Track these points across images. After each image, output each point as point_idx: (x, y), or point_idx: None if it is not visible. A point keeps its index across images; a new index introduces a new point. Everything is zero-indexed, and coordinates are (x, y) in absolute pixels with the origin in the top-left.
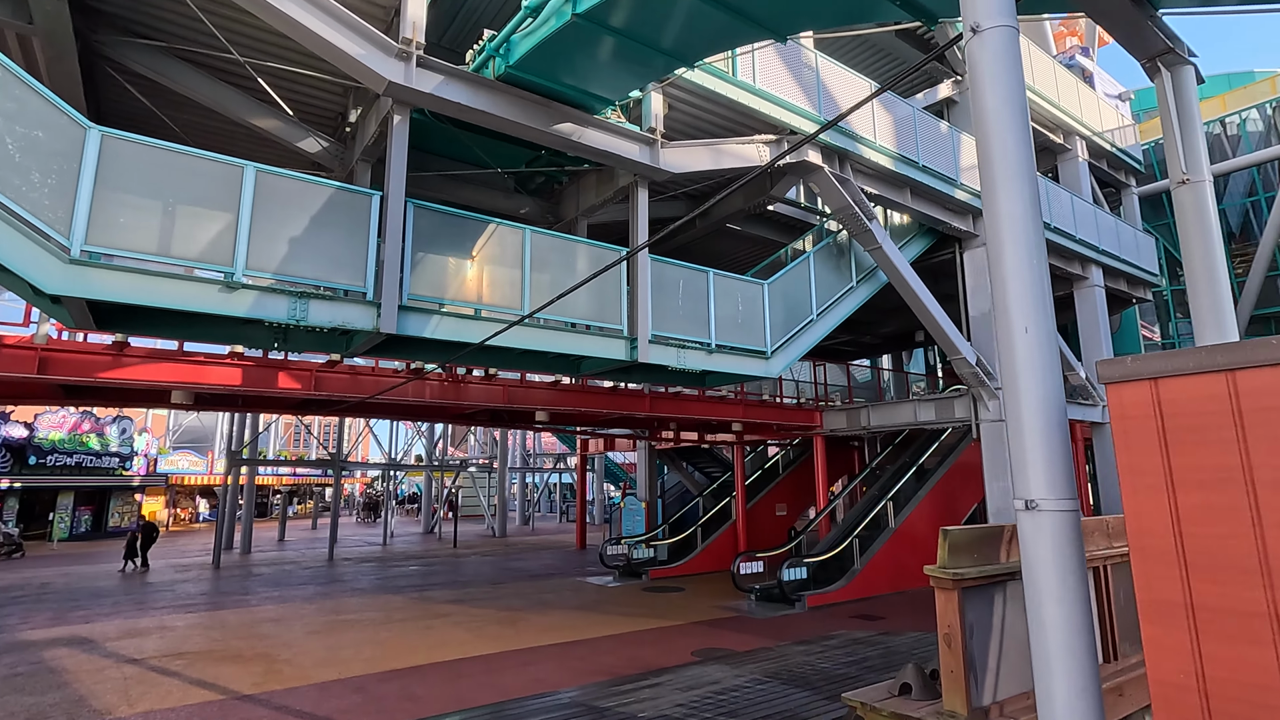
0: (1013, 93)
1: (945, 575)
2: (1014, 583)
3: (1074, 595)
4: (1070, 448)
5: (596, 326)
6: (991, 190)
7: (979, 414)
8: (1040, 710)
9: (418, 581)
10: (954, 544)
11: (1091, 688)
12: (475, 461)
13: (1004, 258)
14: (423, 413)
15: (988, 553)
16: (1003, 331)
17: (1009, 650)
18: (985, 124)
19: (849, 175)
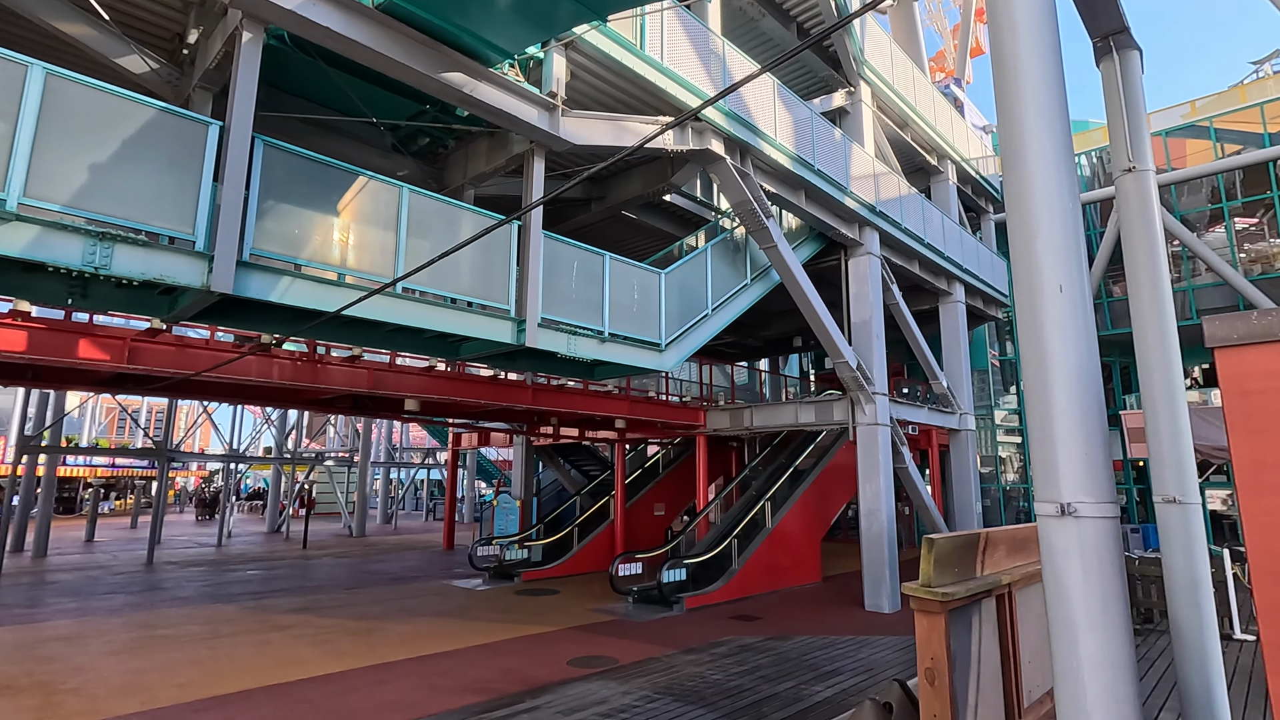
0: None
1: (932, 595)
2: (987, 600)
3: (1117, 624)
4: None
5: (480, 305)
6: (1019, 112)
7: (856, 417)
8: None
9: (256, 588)
10: (940, 556)
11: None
12: (333, 454)
13: (1033, 199)
14: (271, 396)
15: (966, 565)
16: (1026, 296)
17: (985, 683)
18: (1014, 29)
19: (749, 170)
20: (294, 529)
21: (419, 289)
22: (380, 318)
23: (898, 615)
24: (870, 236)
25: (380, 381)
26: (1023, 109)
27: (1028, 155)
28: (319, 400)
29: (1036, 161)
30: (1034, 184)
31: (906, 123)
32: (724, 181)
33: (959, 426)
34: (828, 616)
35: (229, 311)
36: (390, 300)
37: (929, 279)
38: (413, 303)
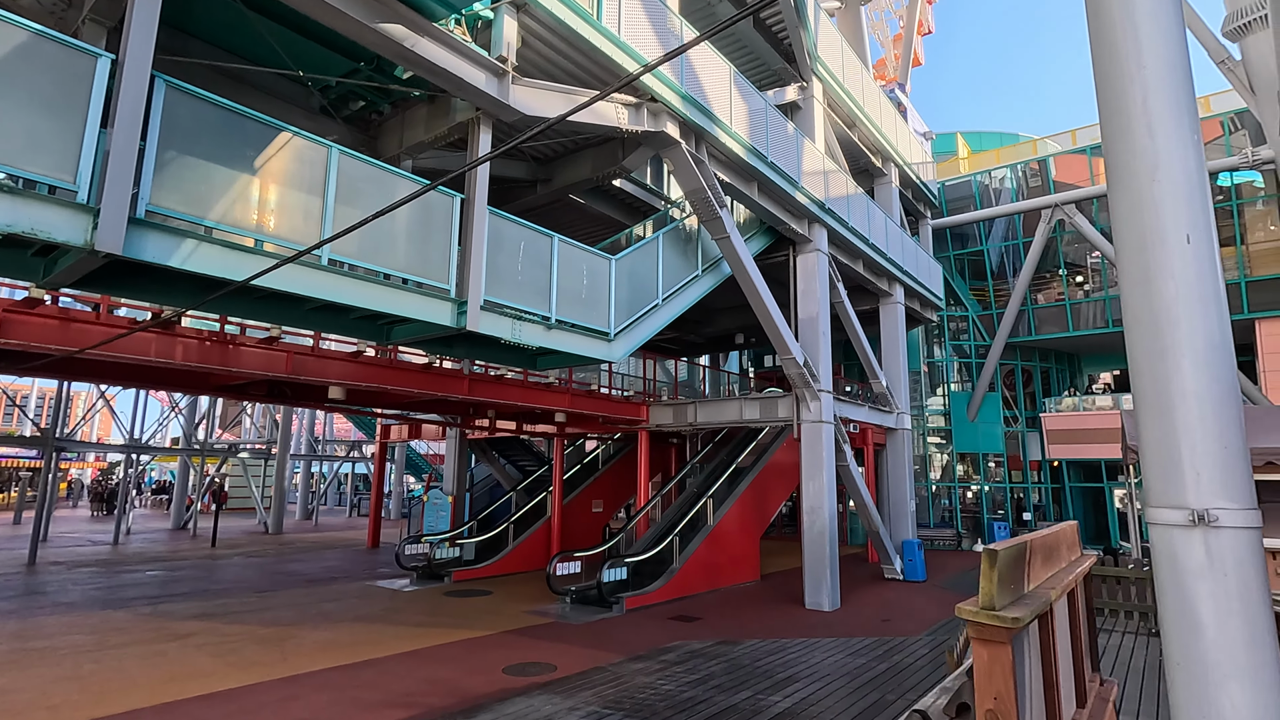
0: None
1: (999, 621)
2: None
3: (1267, 666)
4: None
5: (417, 283)
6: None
7: (801, 414)
8: None
9: (153, 592)
10: (1003, 572)
11: None
12: (248, 446)
13: (1151, 133)
14: (175, 380)
15: (1017, 580)
16: (1136, 249)
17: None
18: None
19: (704, 157)
20: (203, 526)
21: (348, 261)
22: (303, 291)
23: (838, 613)
24: (819, 233)
25: (301, 366)
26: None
27: (1150, 86)
28: (231, 386)
29: (1167, 92)
30: (1164, 120)
31: (855, 122)
32: (678, 168)
33: (896, 426)
34: (769, 616)
35: (121, 278)
36: (314, 273)
37: (871, 279)
38: (340, 276)
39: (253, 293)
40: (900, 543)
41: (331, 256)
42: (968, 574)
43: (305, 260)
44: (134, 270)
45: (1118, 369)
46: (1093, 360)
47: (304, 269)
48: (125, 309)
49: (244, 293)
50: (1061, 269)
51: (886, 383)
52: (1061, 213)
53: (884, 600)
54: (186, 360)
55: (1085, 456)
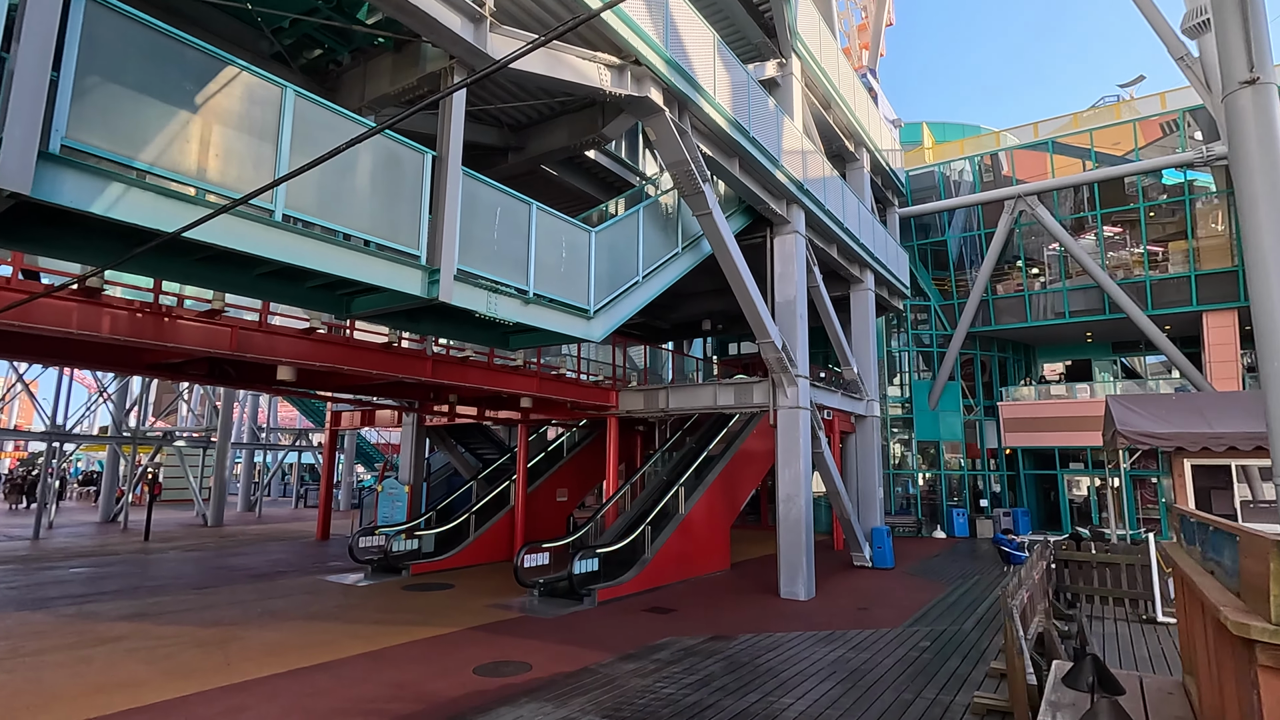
0: None
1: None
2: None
3: None
4: None
5: (383, 247)
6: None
7: (777, 400)
8: None
9: (79, 590)
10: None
11: None
12: (186, 434)
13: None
14: (101, 357)
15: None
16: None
17: None
18: None
19: (688, 127)
20: (135, 519)
21: (305, 219)
22: (253, 250)
23: (815, 603)
24: (797, 215)
25: (246, 343)
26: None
27: None
28: (167, 365)
29: None
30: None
31: (830, 104)
32: (660, 138)
33: (866, 413)
34: (746, 607)
35: (33, 229)
36: (268, 230)
37: (844, 264)
38: (297, 235)
39: (194, 252)
40: (869, 530)
41: (287, 212)
42: (932, 560)
43: (257, 216)
44: (48, 219)
45: (1069, 360)
46: (1047, 351)
47: (256, 225)
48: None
49: (184, 252)
50: (1021, 260)
51: (857, 369)
52: (1024, 204)
53: (858, 589)
54: (115, 334)
55: (1040, 444)
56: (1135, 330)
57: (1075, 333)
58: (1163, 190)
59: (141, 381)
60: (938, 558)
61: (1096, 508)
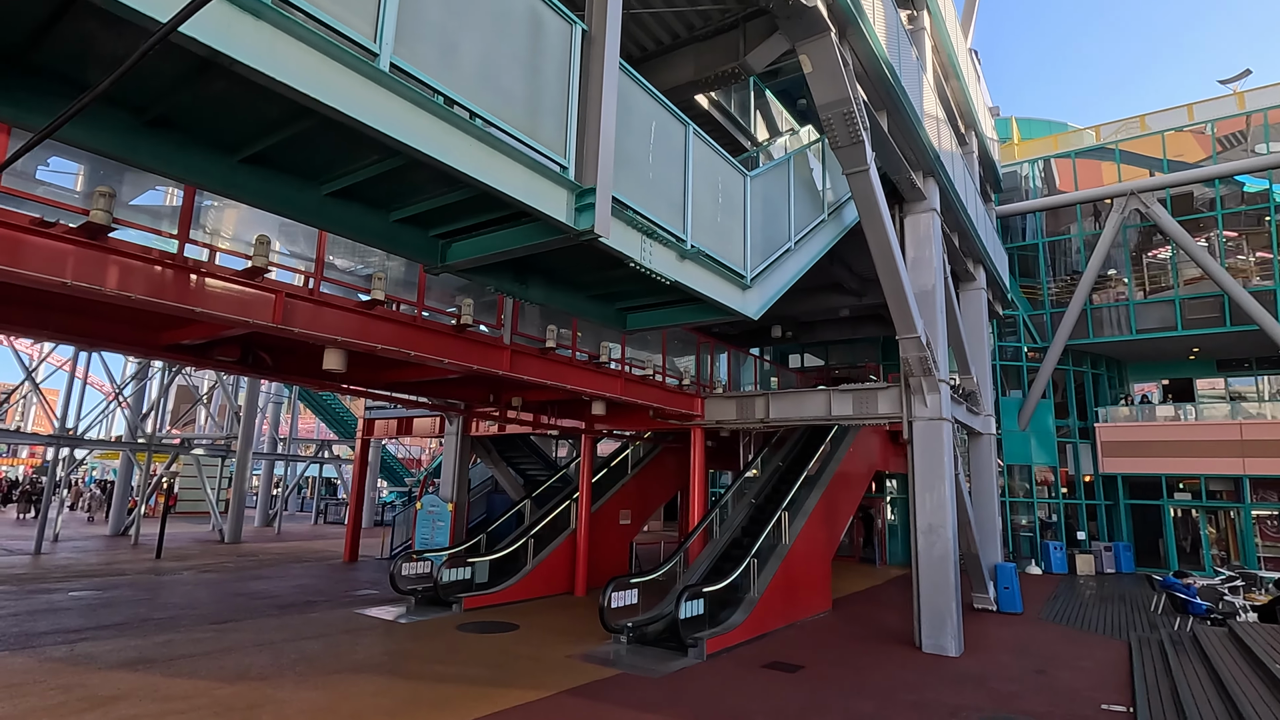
0: None
1: None
2: None
3: None
4: None
5: (520, 142)
6: None
7: (914, 410)
8: None
9: (75, 622)
10: None
11: None
12: (203, 441)
13: None
14: (107, 326)
15: None
16: None
17: None
18: None
19: (849, 58)
20: (146, 532)
21: (420, 75)
22: (339, 105)
23: (972, 661)
24: (933, 191)
25: (293, 314)
26: None
27: None
28: (189, 347)
29: None
30: None
31: (950, 74)
32: (819, 69)
33: (983, 430)
34: (884, 663)
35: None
36: (363, 83)
37: (961, 258)
38: (408, 101)
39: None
40: (992, 567)
41: (397, 61)
42: (1058, 602)
43: (351, 55)
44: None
45: (1166, 378)
46: (1142, 368)
47: (346, 72)
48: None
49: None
50: (1127, 265)
51: (978, 378)
52: (1137, 202)
53: (1006, 641)
54: (125, 289)
55: (1144, 471)
56: (1246, 346)
57: (1177, 348)
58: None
59: (160, 384)
60: (1060, 599)
61: (1207, 543)
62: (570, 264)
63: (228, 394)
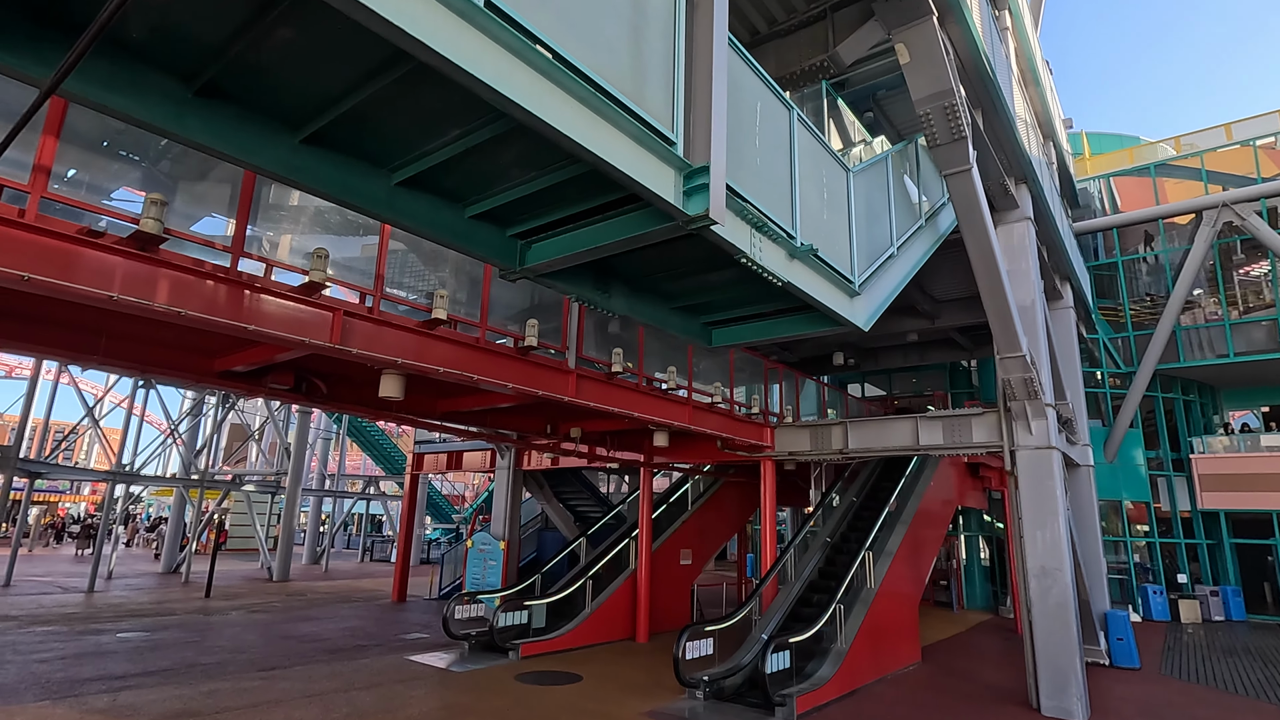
0: None
1: None
2: None
3: None
4: None
5: (625, 108)
6: None
7: (1018, 438)
8: None
9: (120, 667)
10: None
11: None
12: (254, 477)
13: None
14: (150, 351)
15: None
16: None
17: None
18: None
19: (951, 47)
20: (197, 569)
21: (518, 18)
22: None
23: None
24: (1025, 199)
25: (351, 334)
26: None
27: None
28: (242, 374)
29: None
30: None
31: (1029, 80)
32: (918, 59)
33: (1081, 461)
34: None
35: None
36: (455, 22)
37: (1049, 273)
38: (505, 49)
39: (303, 120)
40: (1102, 615)
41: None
42: (1179, 656)
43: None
44: None
45: (1266, 404)
46: (1238, 394)
47: (442, 11)
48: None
49: (289, 121)
50: (1219, 283)
51: (1073, 403)
52: (1229, 214)
53: (1134, 702)
54: (176, 305)
55: (1250, 506)
56: None
57: (1278, 372)
58: None
59: (213, 421)
60: (1177, 652)
61: None
62: (658, 266)
63: (279, 430)
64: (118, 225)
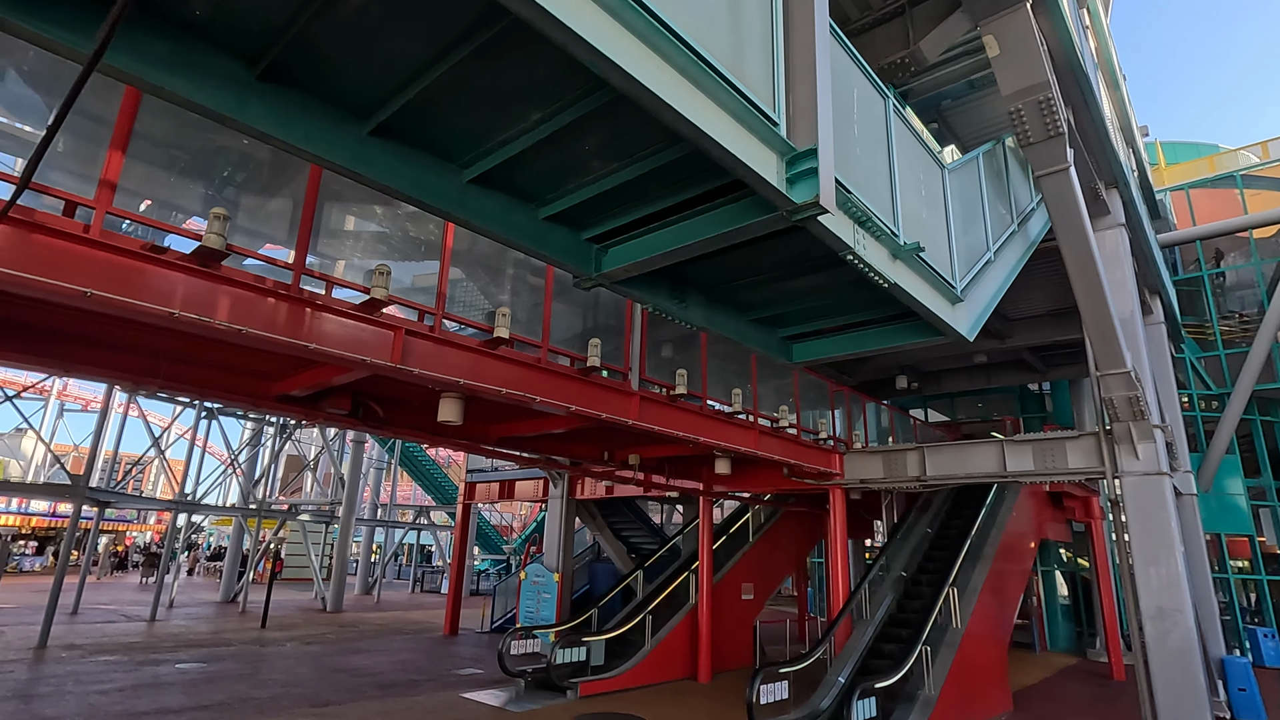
0: None
1: None
2: None
3: None
4: None
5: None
6: None
7: (1122, 463)
8: None
9: (177, 700)
10: None
11: None
12: (309, 506)
13: None
14: (208, 374)
15: None
16: None
17: None
18: None
19: (1044, 39)
20: (254, 599)
21: None
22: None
23: None
24: (1117, 204)
25: (411, 354)
26: None
27: None
28: (300, 399)
29: None
30: None
31: (1110, 83)
32: (1009, 50)
33: (1183, 489)
34: None
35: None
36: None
37: (1139, 286)
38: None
39: (373, 107)
40: (1219, 662)
41: None
42: None
43: None
44: None
45: None
46: None
47: None
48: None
49: (357, 111)
50: None
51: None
52: None
53: None
54: (236, 323)
55: None
56: None
57: None
58: None
59: (271, 451)
60: None
61: None
62: (739, 272)
63: (334, 459)
64: (180, 244)
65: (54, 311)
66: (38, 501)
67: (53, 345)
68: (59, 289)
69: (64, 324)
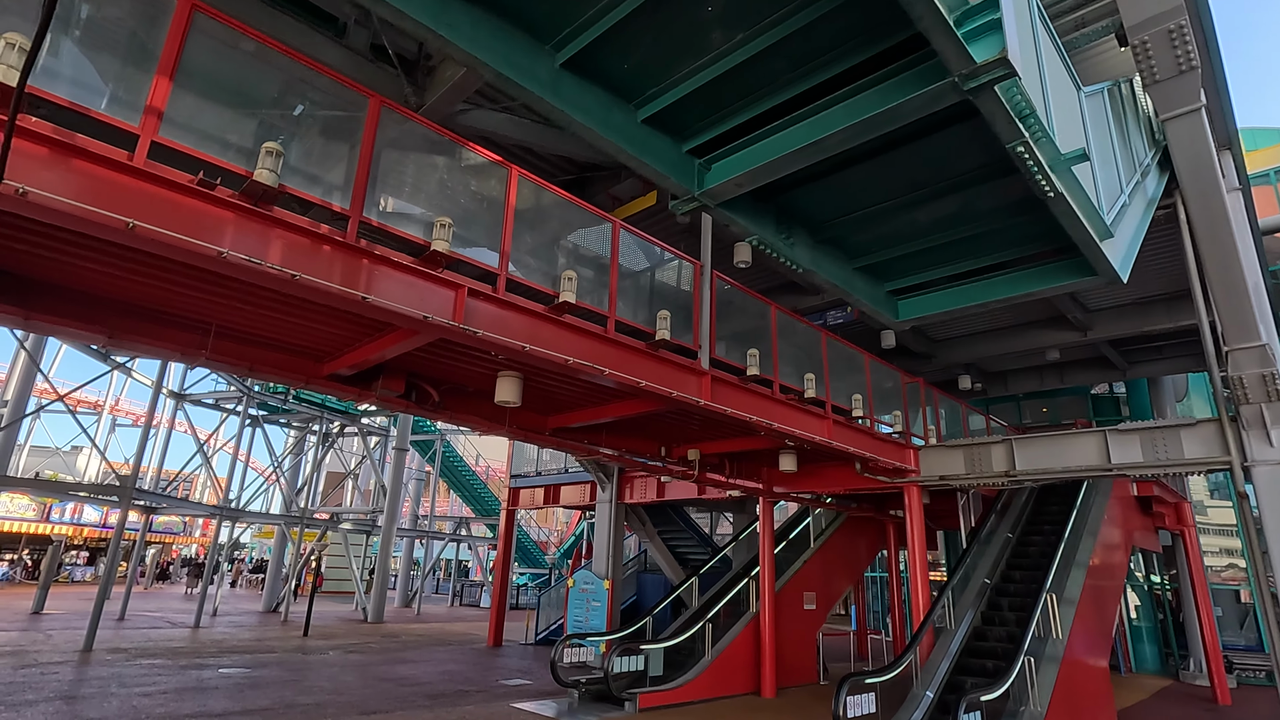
0: None
1: None
2: None
3: None
4: None
5: None
6: None
7: (1252, 451)
8: None
9: (220, 705)
10: None
11: None
12: (351, 516)
13: None
14: (253, 356)
15: None
16: None
17: None
18: None
19: None
20: (295, 610)
21: None
22: None
23: None
24: (1230, 169)
25: (475, 315)
26: None
27: None
28: (350, 377)
29: None
30: None
31: None
32: None
33: None
34: None
35: None
36: None
37: None
38: None
39: None
40: None
41: None
42: None
43: None
44: None
45: None
46: None
47: None
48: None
49: None
50: None
51: None
52: None
53: None
54: (289, 267)
55: None
56: None
57: None
58: None
59: (313, 461)
60: None
61: None
62: (858, 198)
63: (375, 466)
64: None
65: (102, 268)
66: (90, 512)
67: (103, 313)
68: (101, 218)
69: (113, 288)
